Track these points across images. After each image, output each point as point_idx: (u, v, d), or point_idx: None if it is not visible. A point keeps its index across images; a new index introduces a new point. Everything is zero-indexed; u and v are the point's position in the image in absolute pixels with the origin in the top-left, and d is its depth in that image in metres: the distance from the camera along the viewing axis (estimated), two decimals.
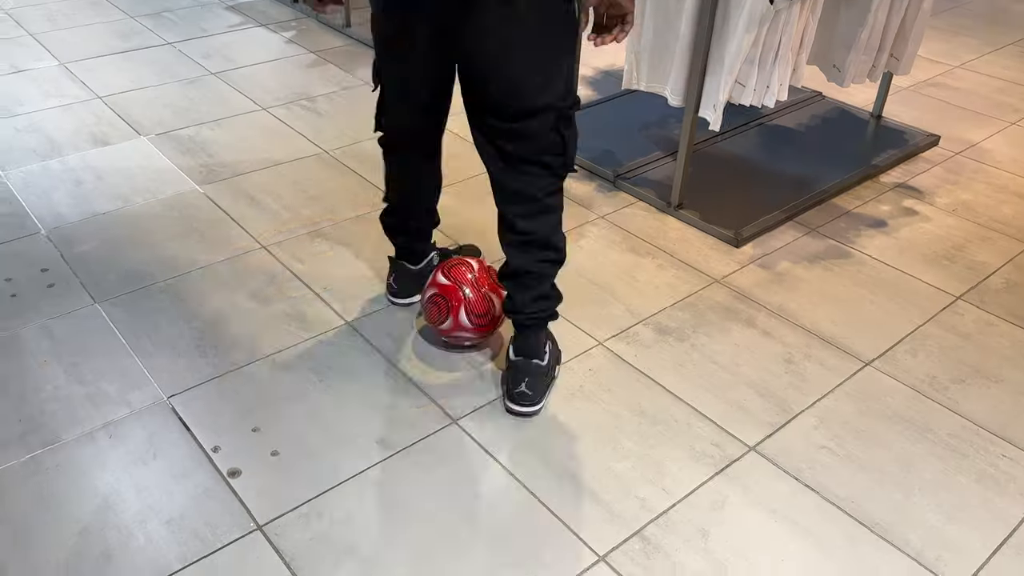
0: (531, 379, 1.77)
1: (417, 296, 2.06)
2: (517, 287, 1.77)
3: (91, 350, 1.91)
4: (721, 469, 1.68)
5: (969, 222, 2.55)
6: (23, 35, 3.60)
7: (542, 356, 1.80)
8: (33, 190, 2.51)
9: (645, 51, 2.50)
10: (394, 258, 2.08)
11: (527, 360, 1.78)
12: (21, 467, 1.62)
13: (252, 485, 1.60)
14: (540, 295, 1.77)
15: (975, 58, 3.77)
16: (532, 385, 1.77)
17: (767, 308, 2.14)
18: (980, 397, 1.89)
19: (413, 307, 2.09)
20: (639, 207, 2.55)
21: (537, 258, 1.72)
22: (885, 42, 2.65)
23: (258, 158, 2.73)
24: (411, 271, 2.06)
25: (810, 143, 2.97)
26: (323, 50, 3.57)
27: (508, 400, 1.79)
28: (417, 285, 2.05)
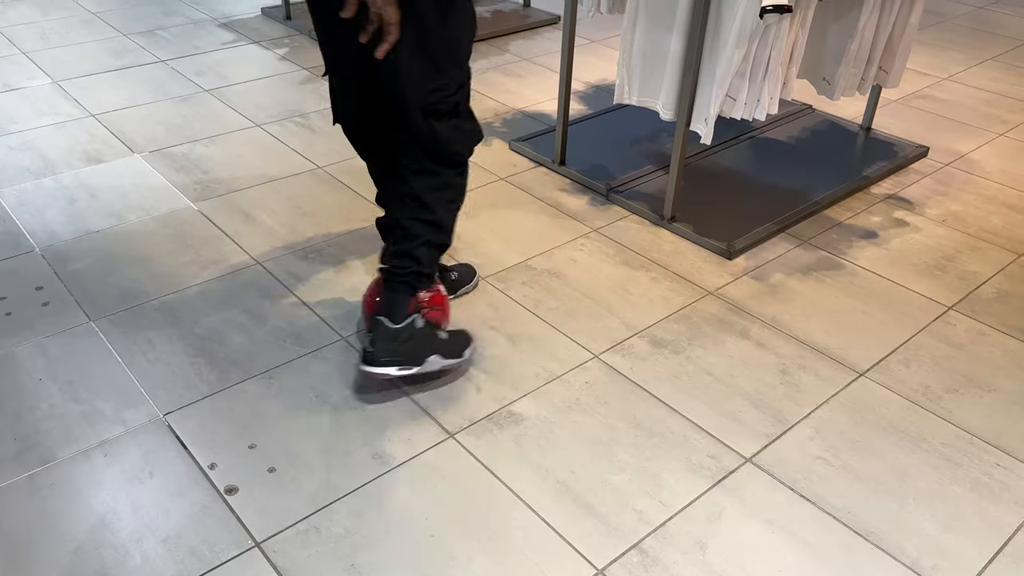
0: (378, 340, 1.78)
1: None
2: (388, 237, 1.83)
3: (86, 368, 1.91)
4: (718, 481, 1.69)
5: (959, 233, 2.57)
6: (16, 53, 3.61)
7: (396, 319, 1.78)
8: (27, 208, 2.51)
9: (637, 66, 2.52)
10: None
11: (378, 318, 1.79)
12: (17, 486, 1.61)
13: (249, 502, 1.60)
14: (405, 252, 1.79)
15: (962, 70, 3.81)
16: (376, 344, 1.78)
17: (761, 320, 2.15)
18: (973, 406, 1.90)
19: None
20: (632, 220, 2.57)
21: (409, 214, 1.77)
22: (874, 55, 2.69)
23: (252, 175, 2.74)
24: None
25: (801, 155, 2.99)
26: (316, 67, 3.59)
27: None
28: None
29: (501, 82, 3.52)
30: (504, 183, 2.73)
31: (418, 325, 1.82)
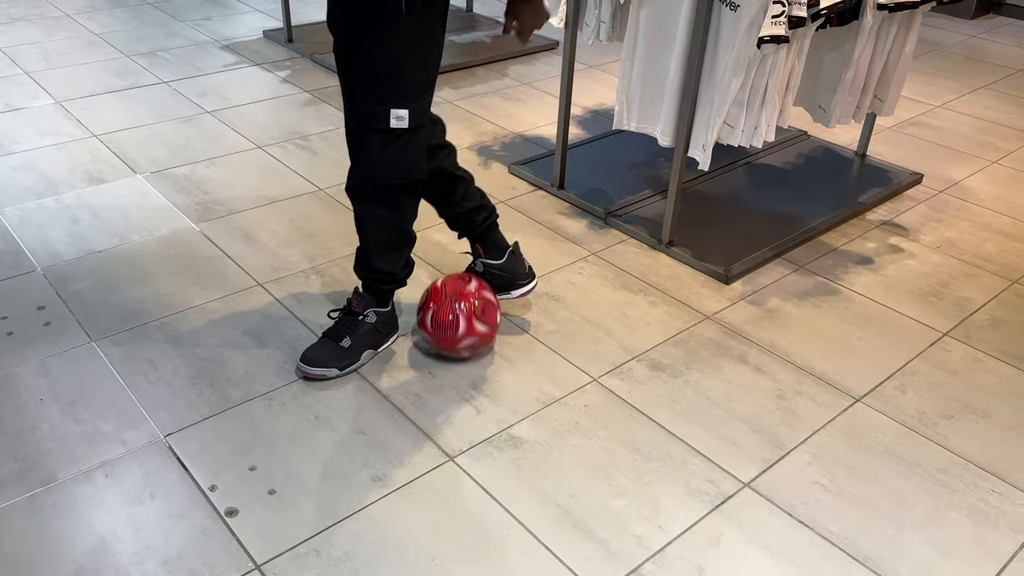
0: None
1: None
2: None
3: (87, 388, 1.92)
4: (716, 506, 1.70)
5: (954, 259, 2.60)
6: (19, 73, 3.64)
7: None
8: (29, 228, 2.53)
9: (636, 93, 2.56)
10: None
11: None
12: (18, 506, 1.62)
13: (250, 524, 1.60)
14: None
15: (955, 98, 3.87)
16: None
17: (758, 344, 2.17)
18: (969, 432, 1.92)
19: (410, 345, 2.10)
20: (630, 244, 2.59)
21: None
22: (869, 84, 2.73)
23: (253, 196, 2.76)
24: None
25: (797, 182, 3.03)
26: (317, 89, 3.62)
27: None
28: None
29: (501, 106, 3.56)
30: (503, 206, 2.75)
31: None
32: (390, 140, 1.75)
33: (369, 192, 1.86)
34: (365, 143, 1.78)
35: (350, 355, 1.97)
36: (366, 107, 1.73)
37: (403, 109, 1.71)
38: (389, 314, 2.04)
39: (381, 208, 1.87)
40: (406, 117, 1.72)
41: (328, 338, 1.99)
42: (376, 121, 1.72)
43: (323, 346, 1.98)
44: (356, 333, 1.98)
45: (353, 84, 1.76)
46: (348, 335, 1.97)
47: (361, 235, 1.94)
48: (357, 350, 1.98)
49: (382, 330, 2.02)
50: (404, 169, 1.81)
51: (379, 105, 1.71)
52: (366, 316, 1.99)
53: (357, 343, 1.98)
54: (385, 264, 1.96)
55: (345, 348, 1.96)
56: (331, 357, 1.96)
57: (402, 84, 1.72)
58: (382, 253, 1.94)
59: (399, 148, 1.77)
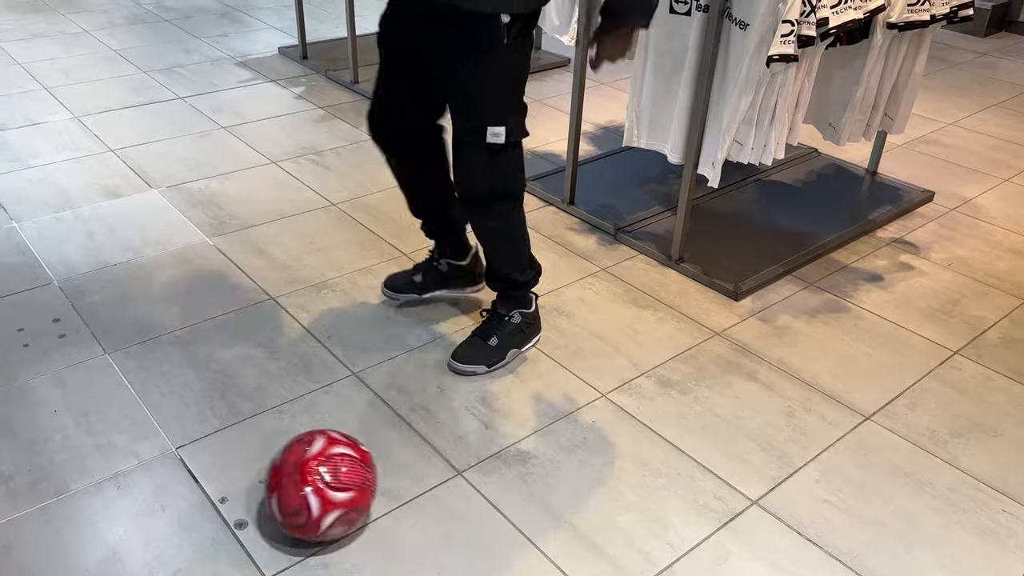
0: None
1: (411, 296, 2.31)
2: None
3: (101, 400, 1.94)
4: (724, 523, 1.69)
5: (965, 277, 2.60)
6: (38, 89, 3.69)
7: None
8: (46, 241, 2.56)
9: (645, 110, 2.58)
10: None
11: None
12: (31, 517, 1.63)
13: (259, 536, 1.61)
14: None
15: (967, 116, 3.86)
16: None
17: (767, 361, 2.17)
18: (979, 452, 1.91)
19: (419, 360, 2.12)
20: (640, 260, 2.60)
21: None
22: (879, 102, 2.73)
23: (267, 210, 2.79)
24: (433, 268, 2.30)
25: (807, 198, 3.03)
26: (331, 105, 3.66)
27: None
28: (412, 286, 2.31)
29: None
30: None
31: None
32: (488, 156, 1.84)
33: (477, 205, 1.95)
34: (465, 160, 1.88)
35: (497, 353, 2.08)
36: (466, 126, 1.82)
37: (500, 127, 1.81)
38: (533, 315, 2.14)
39: (491, 219, 1.97)
40: (502, 134, 1.82)
41: (477, 337, 2.10)
42: (474, 138, 1.82)
43: (472, 345, 2.09)
44: (503, 333, 2.08)
45: (454, 106, 1.85)
46: (496, 334, 2.08)
47: (487, 253, 2.06)
48: (503, 349, 2.08)
49: (526, 330, 2.12)
50: (501, 182, 1.91)
51: (477, 124, 1.81)
52: (511, 317, 2.09)
53: (503, 342, 2.08)
54: (511, 271, 2.06)
55: (493, 347, 2.07)
56: (480, 355, 2.07)
57: (499, 104, 1.82)
58: (502, 260, 2.05)
59: (496, 163, 1.86)
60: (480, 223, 2.00)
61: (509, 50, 1.77)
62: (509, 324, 2.09)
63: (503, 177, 1.91)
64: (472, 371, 2.06)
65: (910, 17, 2.46)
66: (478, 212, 1.97)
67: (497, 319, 2.10)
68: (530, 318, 2.12)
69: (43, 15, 4.71)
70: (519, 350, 2.12)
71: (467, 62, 1.77)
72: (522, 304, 2.11)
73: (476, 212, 1.98)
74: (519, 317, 2.10)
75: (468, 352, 2.08)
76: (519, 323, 2.10)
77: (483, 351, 2.07)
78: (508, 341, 2.09)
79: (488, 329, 2.10)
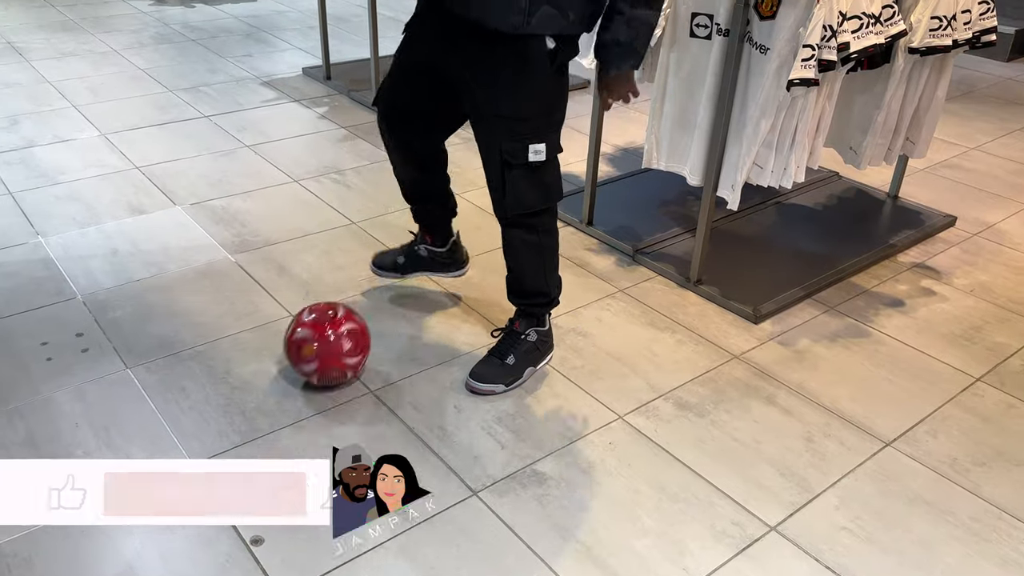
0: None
1: (394, 276, 2.45)
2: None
3: (121, 415, 1.96)
4: (742, 549, 1.68)
5: (987, 303, 2.57)
6: (67, 107, 3.76)
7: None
8: (71, 256, 2.60)
9: (665, 133, 2.59)
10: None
11: None
12: (49, 530, 1.65)
13: (275, 553, 1.62)
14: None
15: (990, 141, 3.84)
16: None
17: (787, 386, 2.16)
18: (1002, 481, 1.88)
19: (436, 379, 2.12)
20: (658, 282, 2.60)
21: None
22: (900, 126, 2.72)
23: (288, 228, 2.81)
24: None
25: (827, 222, 3.02)
26: (354, 125, 3.70)
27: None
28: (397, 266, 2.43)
29: None
30: None
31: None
32: (529, 172, 1.88)
33: (515, 220, 1.98)
34: (509, 183, 1.90)
35: (514, 372, 2.09)
36: (508, 147, 1.86)
37: (541, 144, 1.86)
38: (547, 332, 2.15)
39: (528, 233, 2.00)
40: (543, 151, 1.86)
41: (493, 356, 2.11)
42: (517, 158, 1.86)
43: (489, 364, 2.10)
44: (520, 351, 2.09)
45: (494, 127, 1.88)
46: (512, 353, 2.09)
47: (512, 263, 2.07)
48: (520, 367, 2.09)
49: (541, 348, 2.14)
50: (543, 196, 1.95)
51: (519, 143, 1.85)
52: (527, 335, 2.11)
53: (520, 361, 2.09)
54: (540, 285, 2.08)
55: (510, 366, 2.08)
56: (498, 374, 2.08)
57: (541, 123, 1.86)
58: (535, 276, 2.07)
59: (537, 178, 1.90)
60: (522, 240, 2.01)
61: (556, 73, 1.82)
62: (525, 342, 2.10)
63: (546, 191, 1.94)
64: (491, 390, 2.06)
65: (932, 42, 2.46)
66: (522, 228, 1.99)
67: (513, 337, 2.11)
68: (544, 335, 2.14)
69: (73, 34, 4.81)
70: (534, 368, 2.13)
71: (515, 84, 1.81)
72: (538, 323, 2.12)
73: (520, 227, 1.99)
74: (535, 335, 2.11)
75: (486, 371, 2.08)
76: (535, 341, 2.11)
77: (501, 370, 2.08)
78: (524, 359, 2.10)
79: (504, 348, 2.10)
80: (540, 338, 2.13)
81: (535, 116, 1.86)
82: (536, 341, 2.12)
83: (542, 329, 2.13)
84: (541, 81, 1.83)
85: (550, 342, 2.17)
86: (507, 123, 1.85)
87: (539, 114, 1.87)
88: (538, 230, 2.00)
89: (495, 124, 1.87)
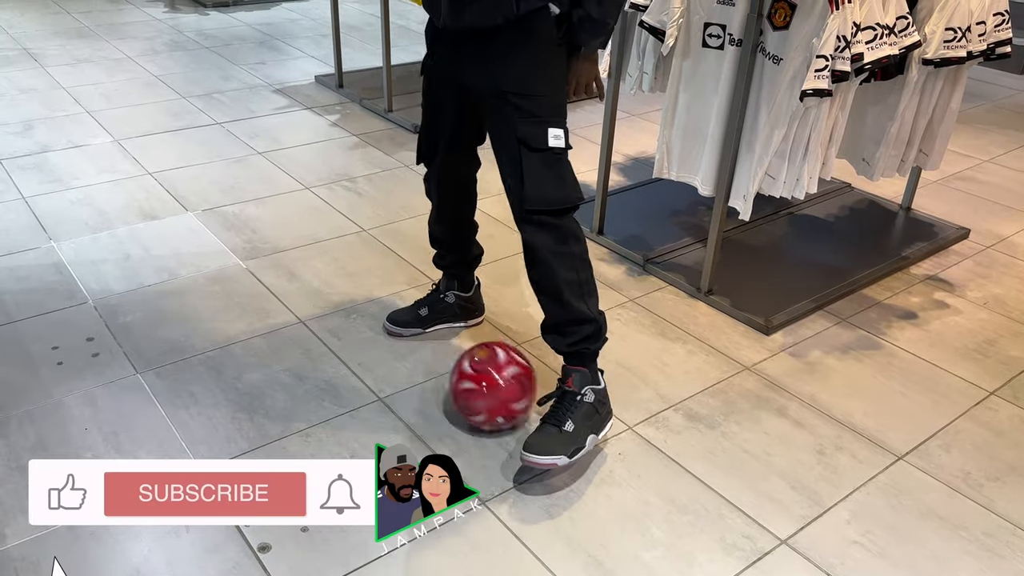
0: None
1: (416, 331, 2.31)
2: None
3: (130, 420, 1.96)
4: (752, 562, 1.66)
5: (1001, 316, 2.55)
6: (81, 112, 3.79)
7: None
8: (83, 261, 2.61)
9: (676, 142, 2.58)
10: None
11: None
12: (58, 534, 1.65)
13: (282, 560, 1.61)
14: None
15: (1004, 153, 3.82)
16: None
17: (798, 398, 2.14)
18: (1016, 496, 1.86)
19: (446, 386, 2.12)
20: (669, 292, 2.59)
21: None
22: (914, 138, 2.71)
23: (299, 235, 2.82)
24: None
25: (840, 233, 3.00)
26: (365, 133, 3.71)
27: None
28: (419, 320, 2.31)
29: None
30: None
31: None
32: (550, 162, 1.78)
33: (538, 221, 1.80)
34: (526, 166, 1.78)
35: (576, 440, 1.80)
36: (525, 130, 1.76)
37: (559, 129, 1.78)
38: (604, 392, 1.89)
39: (556, 241, 1.81)
40: (562, 136, 1.79)
41: (548, 424, 1.83)
42: (536, 141, 1.76)
43: (545, 433, 1.81)
44: (577, 415, 1.82)
45: (508, 112, 1.78)
46: (570, 418, 1.81)
47: (543, 280, 1.84)
48: (581, 435, 1.81)
49: (600, 411, 1.87)
50: (564, 192, 1.80)
51: (538, 126, 1.76)
52: (584, 395, 1.84)
53: (580, 427, 1.81)
54: (581, 310, 1.84)
55: (569, 433, 1.80)
56: (557, 444, 1.79)
57: (556, 104, 1.80)
58: (573, 295, 1.83)
59: (558, 171, 1.80)
60: (551, 250, 1.81)
61: (560, 48, 1.78)
62: (583, 404, 1.83)
63: (569, 186, 1.81)
64: (552, 463, 1.77)
65: (946, 54, 2.44)
66: (547, 232, 1.80)
67: (568, 400, 1.83)
68: (602, 396, 1.87)
69: (88, 41, 4.85)
70: (596, 436, 1.85)
71: (526, 58, 1.76)
72: (593, 379, 1.87)
73: (545, 231, 1.80)
74: (591, 395, 1.84)
75: (544, 442, 1.79)
76: (592, 402, 1.84)
77: (560, 439, 1.79)
78: (585, 425, 1.82)
79: (560, 413, 1.82)
80: (598, 398, 1.85)
81: (549, 93, 1.78)
82: (594, 402, 1.84)
83: (598, 388, 1.87)
84: (548, 51, 1.77)
85: (608, 404, 1.89)
86: (522, 102, 1.75)
87: (553, 92, 1.79)
88: (566, 235, 1.80)
89: (508, 107, 1.76)
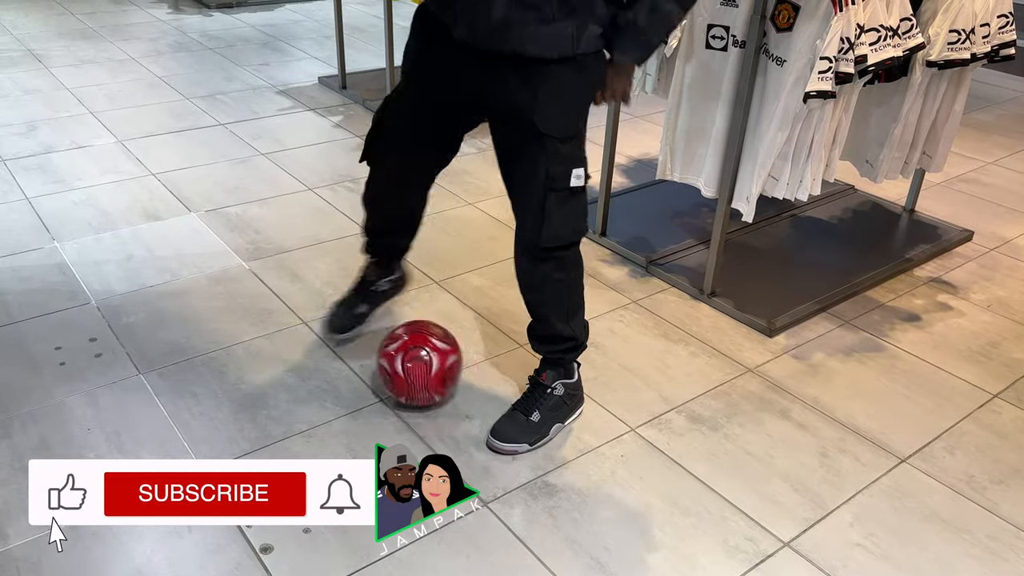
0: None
1: (358, 329, 2.30)
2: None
3: (133, 420, 1.96)
4: (755, 564, 1.66)
5: (1005, 319, 2.54)
6: (84, 113, 3.79)
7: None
8: (86, 261, 2.61)
9: (680, 144, 2.58)
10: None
11: None
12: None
13: (284, 561, 1.61)
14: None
15: (1008, 155, 3.81)
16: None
17: (801, 400, 2.14)
18: (1020, 499, 1.86)
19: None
20: (671, 293, 2.58)
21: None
22: (917, 140, 2.70)
23: (302, 236, 2.82)
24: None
25: (843, 235, 3.00)
26: None
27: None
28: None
29: None
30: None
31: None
32: (564, 200, 1.77)
33: (547, 254, 1.83)
34: (548, 207, 1.77)
35: (540, 430, 1.93)
36: (555, 170, 1.74)
37: (580, 168, 1.77)
38: (576, 384, 2.00)
39: (558, 270, 1.86)
40: (583, 175, 1.78)
41: (517, 411, 1.96)
42: (560, 182, 1.75)
43: (512, 420, 1.95)
44: (546, 407, 1.95)
45: (541, 151, 1.74)
46: (538, 409, 1.94)
47: (538, 307, 1.93)
48: (546, 424, 1.94)
49: (569, 402, 1.98)
50: (578, 227, 1.83)
51: (566, 167, 1.75)
52: (554, 389, 1.96)
53: (546, 417, 1.94)
54: (567, 329, 1.92)
55: (535, 423, 1.93)
56: (522, 432, 1.92)
57: (582, 141, 1.79)
58: (562, 318, 1.92)
59: (571, 207, 1.79)
60: (553, 279, 1.87)
61: (596, 84, 1.77)
62: (552, 397, 1.95)
63: (578, 222, 1.83)
64: (513, 450, 1.91)
65: (950, 56, 2.44)
66: (553, 263, 1.84)
67: (539, 391, 1.96)
68: (573, 388, 1.99)
69: (92, 42, 4.85)
70: (562, 424, 1.98)
71: (571, 101, 1.73)
72: (566, 374, 1.98)
73: (551, 262, 1.84)
74: (562, 388, 1.97)
75: (509, 429, 1.93)
76: (562, 395, 1.96)
77: (525, 428, 1.92)
78: (551, 416, 1.95)
79: (529, 403, 1.95)
80: (568, 391, 1.97)
81: (581, 132, 1.77)
82: (563, 395, 1.96)
83: (570, 382, 1.98)
84: (591, 94, 1.76)
85: (579, 395, 2.02)
86: (560, 146, 1.73)
87: (584, 130, 1.78)
88: (566, 264, 1.87)
89: (544, 147, 1.73)
